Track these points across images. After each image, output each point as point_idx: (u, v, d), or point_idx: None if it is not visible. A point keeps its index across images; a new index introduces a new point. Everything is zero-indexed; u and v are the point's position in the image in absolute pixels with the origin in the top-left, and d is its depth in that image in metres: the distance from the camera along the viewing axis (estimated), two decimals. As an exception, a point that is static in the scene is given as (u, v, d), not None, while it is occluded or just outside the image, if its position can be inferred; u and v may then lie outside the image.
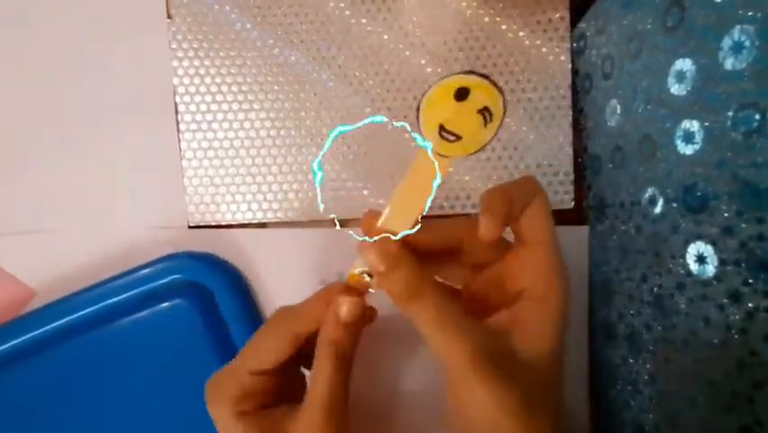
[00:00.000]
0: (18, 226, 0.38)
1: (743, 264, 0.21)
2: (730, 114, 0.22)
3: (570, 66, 0.38)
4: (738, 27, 0.22)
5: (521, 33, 0.38)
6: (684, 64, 0.25)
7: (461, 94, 0.23)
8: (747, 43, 0.21)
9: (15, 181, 0.38)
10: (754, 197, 0.21)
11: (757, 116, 0.21)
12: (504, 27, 0.38)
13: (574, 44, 0.38)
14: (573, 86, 0.38)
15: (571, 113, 0.38)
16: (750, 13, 0.21)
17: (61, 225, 0.38)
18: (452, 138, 0.24)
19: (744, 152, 0.22)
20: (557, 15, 0.38)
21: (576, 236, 0.38)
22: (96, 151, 0.38)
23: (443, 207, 0.39)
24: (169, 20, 0.38)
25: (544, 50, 0.38)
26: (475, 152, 0.24)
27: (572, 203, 0.38)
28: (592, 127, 0.37)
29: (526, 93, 0.38)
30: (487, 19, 0.38)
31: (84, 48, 0.38)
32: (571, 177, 0.38)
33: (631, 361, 0.31)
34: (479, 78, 0.23)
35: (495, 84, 0.23)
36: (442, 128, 0.24)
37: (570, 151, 0.38)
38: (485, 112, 0.24)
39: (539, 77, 0.38)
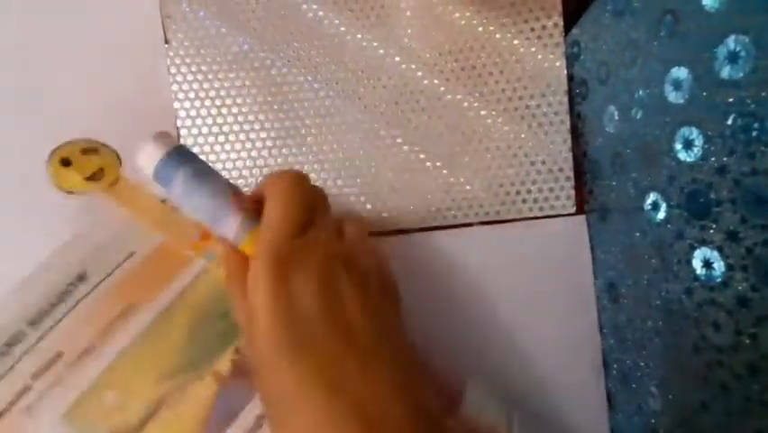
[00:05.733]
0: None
1: (750, 270, 0.22)
2: (729, 123, 0.22)
3: (565, 71, 0.38)
4: (733, 36, 0.22)
5: (515, 42, 0.39)
6: (680, 72, 0.26)
7: (65, 162, 0.37)
8: (743, 53, 0.22)
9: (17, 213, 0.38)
10: (757, 204, 0.21)
11: (756, 125, 0.21)
12: (498, 36, 0.39)
13: (568, 50, 0.38)
14: (570, 91, 0.38)
15: (569, 118, 0.38)
16: (744, 23, 0.22)
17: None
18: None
19: (745, 159, 0.22)
20: (550, 22, 0.39)
21: (577, 239, 0.38)
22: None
23: (446, 217, 0.39)
24: (166, 45, 0.38)
25: (539, 56, 0.39)
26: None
27: (574, 208, 0.39)
28: (591, 132, 0.37)
29: (524, 100, 0.39)
30: (480, 28, 0.39)
31: (83, 77, 0.38)
32: (572, 182, 0.39)
33: (642, 364, 0.31)
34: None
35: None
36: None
37: (569, 156, 0.39)
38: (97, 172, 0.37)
39: (535, 83, 0.39)
